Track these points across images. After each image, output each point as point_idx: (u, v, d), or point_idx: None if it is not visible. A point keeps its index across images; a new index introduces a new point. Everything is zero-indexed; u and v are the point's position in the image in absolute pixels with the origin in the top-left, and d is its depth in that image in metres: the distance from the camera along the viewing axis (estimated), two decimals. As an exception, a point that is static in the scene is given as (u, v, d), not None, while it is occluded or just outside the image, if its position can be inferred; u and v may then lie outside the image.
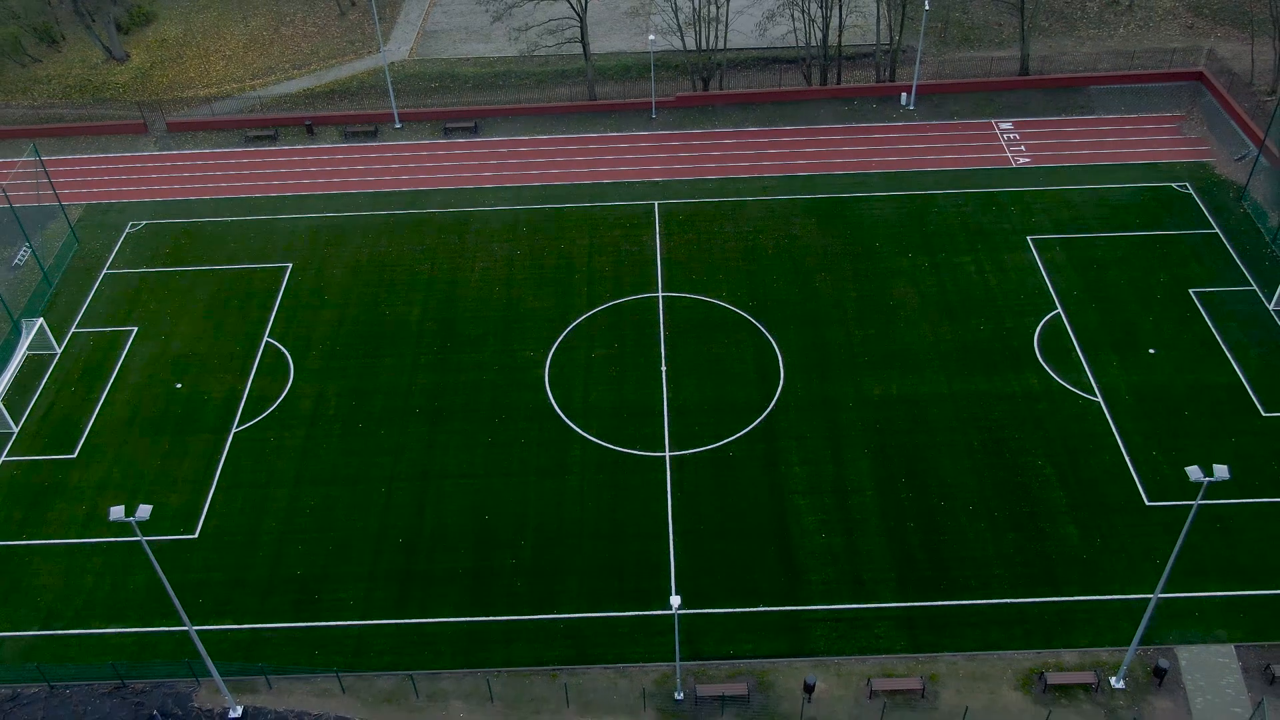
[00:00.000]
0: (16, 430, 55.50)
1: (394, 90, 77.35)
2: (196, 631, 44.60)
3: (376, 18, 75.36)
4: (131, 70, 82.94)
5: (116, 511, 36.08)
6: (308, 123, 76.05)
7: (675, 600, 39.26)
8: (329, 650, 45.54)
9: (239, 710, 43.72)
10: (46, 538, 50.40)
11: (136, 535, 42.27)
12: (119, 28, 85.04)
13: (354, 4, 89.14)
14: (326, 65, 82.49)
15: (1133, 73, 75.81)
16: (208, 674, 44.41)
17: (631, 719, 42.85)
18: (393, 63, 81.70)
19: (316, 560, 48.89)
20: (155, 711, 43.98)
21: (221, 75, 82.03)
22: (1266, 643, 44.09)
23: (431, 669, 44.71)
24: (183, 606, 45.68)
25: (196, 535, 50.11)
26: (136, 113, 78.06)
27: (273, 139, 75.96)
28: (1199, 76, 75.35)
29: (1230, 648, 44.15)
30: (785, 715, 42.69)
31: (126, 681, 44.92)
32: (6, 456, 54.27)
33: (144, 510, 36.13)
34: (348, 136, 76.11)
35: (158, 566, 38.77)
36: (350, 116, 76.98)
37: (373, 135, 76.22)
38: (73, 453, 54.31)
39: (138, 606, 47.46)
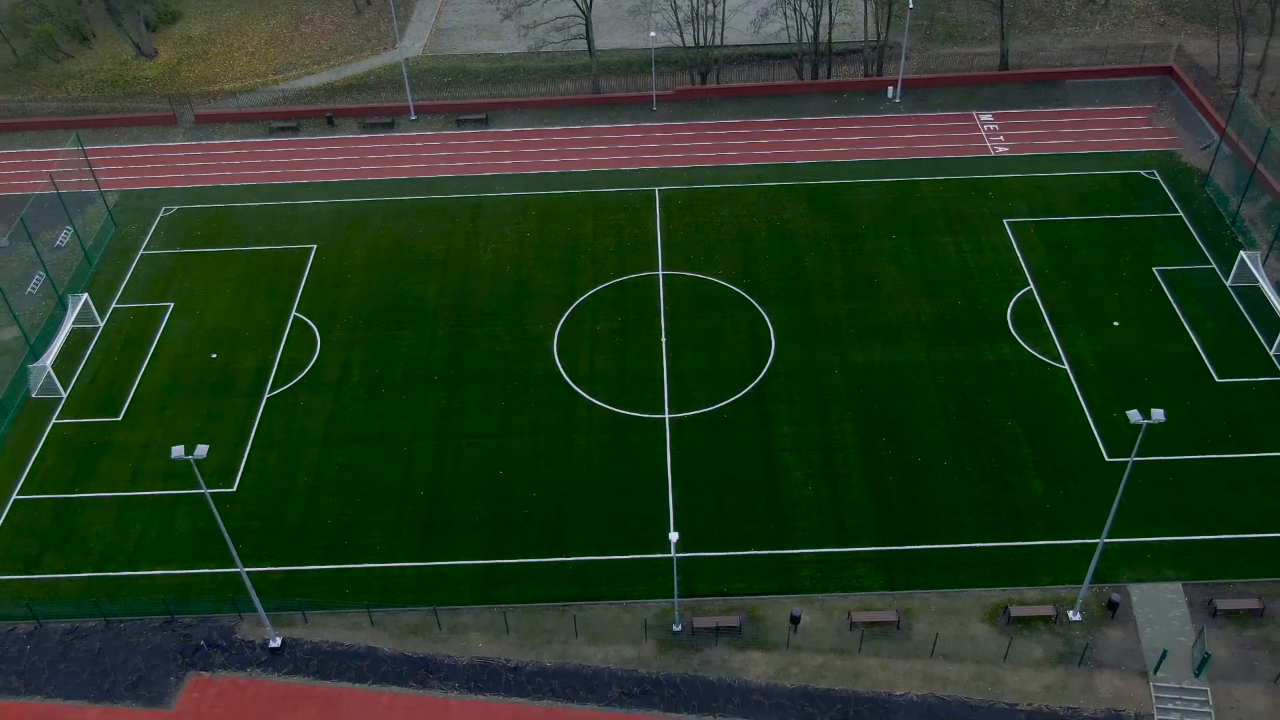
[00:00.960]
0: (65, 395, 60.04)
1: (409, 84, 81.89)
2: (234, 574, 49.25)
3: (394, 16, 79.92)
4: (160, 66, 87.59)
5: (177, 450, 40.58)
6: (328, 115, 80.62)
7: (674, 536, 43.78)
8: (358, 589, 50.02)
9: (278, 641, 48.21)
10: (97, 491, 54.93)
11: (195, 472, 46.66)
12: (147, 25, 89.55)
13: (369, 3, 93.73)
14: (344, 61, 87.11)
15: (1106, 68, 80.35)
16: (250, 609, 48.90)
17: (634, 648, 47.36)
18: (407, 58, 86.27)
19: (345, 510, 53.38)
20: (202, 642, 48.48)
21: (245, 70, 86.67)
22: (1210, 580, 48.56)
23: (452, 605, 49.20)
24: (224, 553, 50.38)
25: (235, 489, 54.62)
26: (166, 106, 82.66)
27: (295, 130, 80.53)
28: (1169, 71, 79.89)
29: (1178, 585, 48.61)
30: (774, 644, 47.18)
31: (175, 616, 49.42)
32: (57, 419, 58.81)
33: (201, 449, 40.65)
34: (366, 127, 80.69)
35: (215, 510, 43.29)
36: (368, 109, 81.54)
37: (389, 126, 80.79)
38: (118, 416, 58.84)
39: (182, 551, 51.95)
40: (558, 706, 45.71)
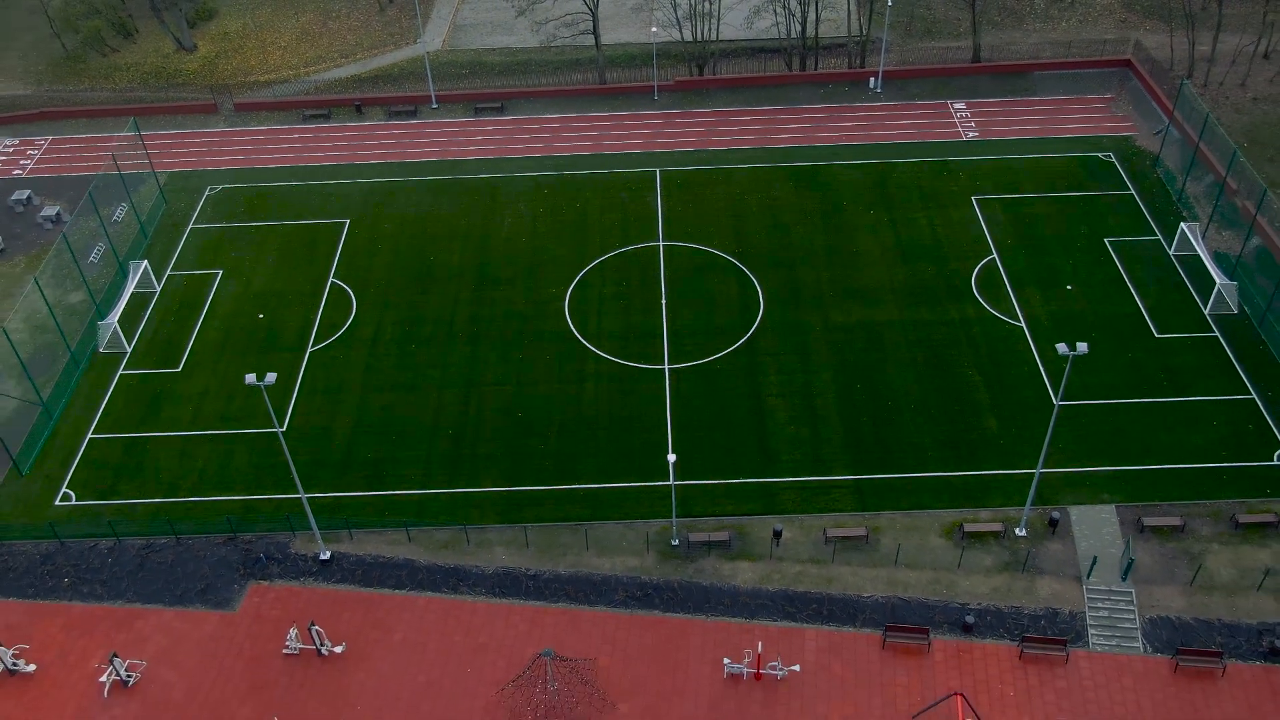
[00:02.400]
0: (129, 350, 67.25)
1: (431, 75, 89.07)
2: (287, 499, 56.52)
3: (418, 13, 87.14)
4: (200, 59, 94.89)
5: (250, 377, 47.74)
6: (357, 103, 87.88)
7: (671, 458, 50.98)
8: (396, 511, 57.15)
9: (328, 554, 55.38)
10: (162, 431, 62.13)
11: (265, 399, 53.79)
12: (188, 22, 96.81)
13: (392, 1, 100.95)
14: (370, 55, 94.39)
15: (1070, 60, 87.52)
16: (303, 528, 56.05)
17: (638, 559, 54.50)
18: (429, 52, 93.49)
19: (382, 447, 60.52)
20: (261, 555, 55.65)
21: (279, 63, 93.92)
22: (1140, 503, 55.63)
23: (479, 524, 56.36)
24: (275, 483, 57.65)
25: (285, 429, 61.82)
26: (208, 95, 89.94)
27: (326, 117, 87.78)
28: (1127, 64, 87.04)
29: (1111, 507, 55.69)
30: (758, 555, 54.32)
31: (237, 534, 56.58)
32: (123, 370, 66.02)
33: (270, 376, 47.83)
34: (391, 115, 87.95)
35: (283, 441, 50.45)
36: (393, 98, 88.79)
37: (413, 114, 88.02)
38: (178, 367, 66.06)
39: (240, 481, 59.10)
40: (571, 608, 52.80)
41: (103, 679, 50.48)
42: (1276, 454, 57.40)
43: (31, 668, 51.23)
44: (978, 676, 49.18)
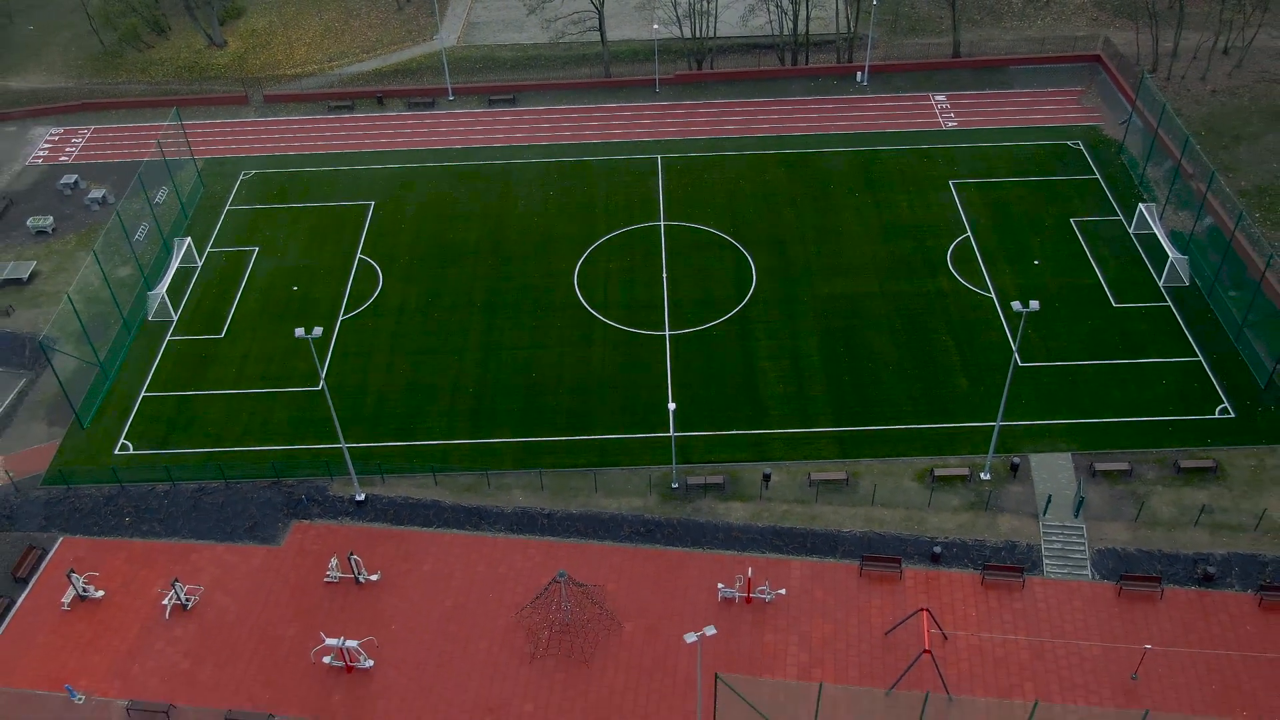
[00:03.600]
0: (176, 318, 73.49)
1: (448, 69, 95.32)
2: (324, 448, 62.71)
3: (436, 11, 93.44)
4: (230, 54, 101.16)
5: (299, 330, 53.96)
6: (378, 95, 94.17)
7: (671, 406, 57.21)
8: (423, 460, 63.35)
9: (363, 496, 61.58)
10: (208, 389, 68.36)
11: (312, 351, 59.90)
12: (218, 19, 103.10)
13: (409, 0, 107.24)
14: (389, 50, 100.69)
15: (1044, 56, 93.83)
16: (340, 473, 62.26)
17: (641, 500, 60.71)
18: (444, 48, 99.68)
19: (410, 403, 66.73)
20: (303, 497, 61.87)
21: (304, 58, 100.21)
22: (1092, 451, 61.83)
23: (498, 470, 62.56)
24: (313, 435, 63.86)
25: (320, 387, 68.03)
26: (239, 88, 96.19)
27: (350, 108, 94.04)
28: (1096, 59, 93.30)
29: (1068, 454, 61.87)
30: (749, 496, 60.56)
31: (280, 479, 62.81)
32: (171, 336, 72.25)
33: (317, 330, 54.04)
34: (411, 106, 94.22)
35: (330, 399, 56.61)
36: (412, 90, 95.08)
37: (430, 105, 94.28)
38: (220, 334, 72.29)
39: (280, 433, 65.28)
40: (581, 542, 58.99)
41: (165, 602, 56.71)
42: (1218, 409, 63.63)
43: (100, 594, 57.45)
44: (944, 600, 55.35)
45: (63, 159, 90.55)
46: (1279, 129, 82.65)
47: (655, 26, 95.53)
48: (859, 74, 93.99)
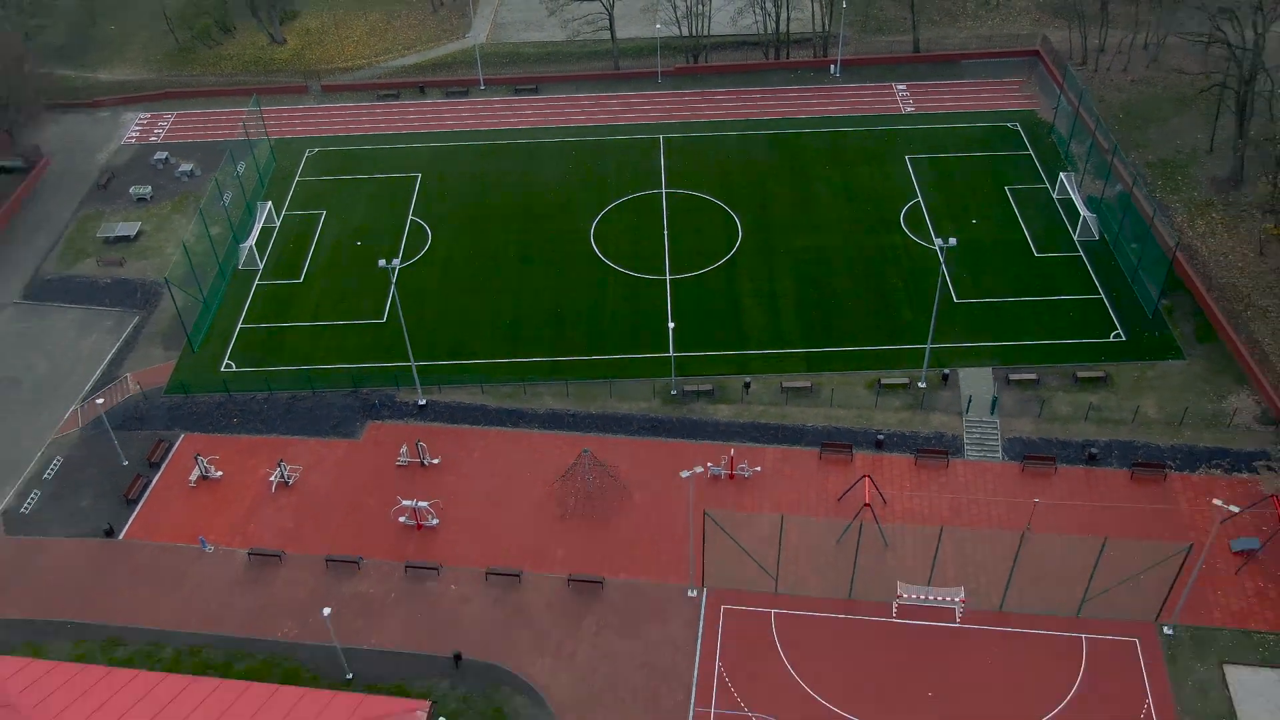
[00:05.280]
0: (261, 267, 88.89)
1: (479, 63, 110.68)
2: (390, 366, 78.01)
3: (471, 12, 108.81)
4: (289, 50, 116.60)
5: (381, 261, 69.31)
6: (419, 85, 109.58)
7: (671, 325, 72.59)
8: (472, 373, 78.60)
9: (424, 401, 76.87)
10: (293, 321, 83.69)
11: (393, 277, 75.38)
12: (278, 20, 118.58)
13: (443, 4, 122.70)
14: (427, 47, 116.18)
15: (991, 51, 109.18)
16: (406, 384, 77.53)
17: (647, 403, 75.88)
18: (477, 45, 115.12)
19: (458, 332, 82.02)
20: (375, 402, 77.19)
21: (354, 54, 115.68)
22: (1009, 365, 77.09)
23: (532, 381, 77.87)
24: (380, 356, 79.21)
25: (384, 320, 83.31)
26: (299, 79, 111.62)
27: (396, 96, 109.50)
28: (1036, 54, 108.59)
29: (989, 368, 77.12)
30: (734, 400, 75.88)
31: (357, 389, 78.11)
32: (258, 282, 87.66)
33: (395, 261, 69.43)
34: (447, 94, 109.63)
35: (404, 322, 72.00)
36: (448, 81, 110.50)
37: (465, 94, 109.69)
38: (299, 279, 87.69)
39: (353, 355, 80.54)
40: (600, 436, 74.17)
41: (271, 479, 72.08)
42: (1112, 334, 78.91)
43: (220, 474, 72.84)
44: (884, 476, 70.60)
45: (152, 139, 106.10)
46: (1183, 113, 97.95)
47: (658, 26, 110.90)
48: (832, 67, 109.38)
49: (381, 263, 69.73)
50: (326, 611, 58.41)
